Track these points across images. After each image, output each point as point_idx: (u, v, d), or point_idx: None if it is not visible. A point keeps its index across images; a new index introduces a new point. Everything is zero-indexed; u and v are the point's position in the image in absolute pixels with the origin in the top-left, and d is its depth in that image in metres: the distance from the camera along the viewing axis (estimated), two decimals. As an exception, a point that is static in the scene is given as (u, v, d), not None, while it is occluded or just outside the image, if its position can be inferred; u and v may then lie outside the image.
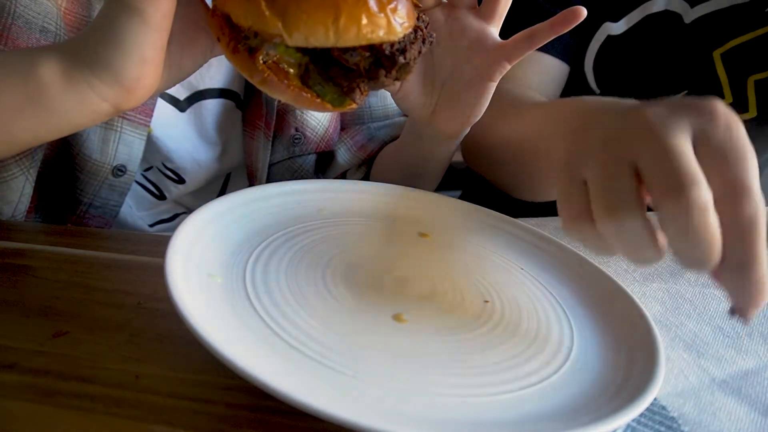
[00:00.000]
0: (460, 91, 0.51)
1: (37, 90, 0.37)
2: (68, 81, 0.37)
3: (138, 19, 0.35)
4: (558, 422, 0.30)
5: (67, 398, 0.30)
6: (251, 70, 0.37)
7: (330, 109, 0.39)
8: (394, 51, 0.37)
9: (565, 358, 0.37)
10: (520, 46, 0.48)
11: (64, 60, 0.37)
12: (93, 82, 0.37)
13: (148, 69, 0.37)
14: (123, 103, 0.38)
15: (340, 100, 0.39)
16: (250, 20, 0.34)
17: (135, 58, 0.36)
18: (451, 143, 0.57)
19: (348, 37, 0.34)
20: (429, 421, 0.29)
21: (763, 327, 0.45)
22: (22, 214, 0.53)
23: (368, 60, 0.37)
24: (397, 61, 0.37)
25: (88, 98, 0.37)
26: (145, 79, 0.37)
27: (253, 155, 0.67)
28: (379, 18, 0.34)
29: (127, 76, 0.36)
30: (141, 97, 0.38)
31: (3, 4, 0.47)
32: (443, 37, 0.50)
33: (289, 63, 0.37)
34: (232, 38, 0.36)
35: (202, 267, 0.36)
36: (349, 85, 0.38)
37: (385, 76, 0.38)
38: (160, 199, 0.66)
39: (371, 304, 0.38)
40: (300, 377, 0.30)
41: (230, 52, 0.37)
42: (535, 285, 0.45)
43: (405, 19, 0.36)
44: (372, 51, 0.36)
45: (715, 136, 0.30)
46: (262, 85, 0.37)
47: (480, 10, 0.50)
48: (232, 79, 0.64)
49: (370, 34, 0.34)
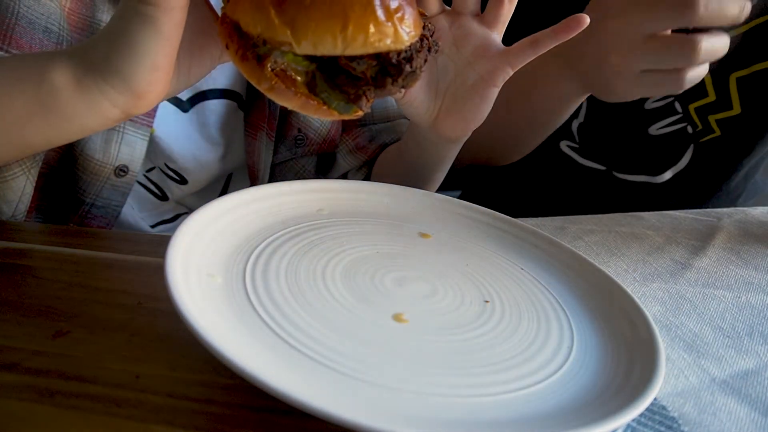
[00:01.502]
0: (464, 96, 0.52)
1: (50, 96, 0.37)
2: (80, 87, 0.37)
3: (151, 28, 0.35)
4: (558, 422, 0.30)
5: (67, 398, 0.30)
6: (259, 77, 0.37)
7: (336, 116, 0.39)
8: (401, 59, 0.37)
9: (564, 358, 0.37)
10: (524, 53, 0.49)
11: (76, 66, 0.37)
12: (104, 89, 0.37)
13: (159, 76, 0.37)
14: (133, 109, 0.38)
15: (347, 108, 0.39)
16: (259, 28, 0.35)
17: (147, 66, 0.36)
18: (452, 147, 0.58)
19: (355, 46, 0.34)
20: (429, 420, 0.29)
21: (763, 327, 0.45)
22: (23, 213, 0.53)
23: (375, 68, 0.37)
24: (404, 70, 0.37)
25: (99, 104, 0.37)
26: (156, 85, 0.38)
27: (255, 156, 0.67)
28: (386, 27, 0.35)
29: (139, 83, 0.37)
30: (151, 103, 0.39)
31: (7, 5, 0.47)
32: (447, 43, 0.51)
33: (297, 71, 0.38)
34: (241, 46, 0.37)
35: (202, 267, 0.36)
36: (355, 92, 0.39)
37: (391, 84, 0.38)
38: (162, 200, 0.66)
39: (371, 304, 0.38)
40: (300, 377, 0.30)
41: (239, 59, 0.37)
42: (535, 285, 0.45)
43: (412, 28, 0.36)
44: (379, 59, 0.37)
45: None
46: (270, 92, 0.37)
47: (483, 17, 0.51)
48: (234, 79, 0.64)
49: (377, 43, 0.34)
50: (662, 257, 0.55)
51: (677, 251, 0.56)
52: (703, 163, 0.82)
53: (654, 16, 0.52)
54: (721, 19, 0.50)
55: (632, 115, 0.81)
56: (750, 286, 0.51)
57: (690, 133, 0.81)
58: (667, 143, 0.82)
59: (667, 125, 0.81)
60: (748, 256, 0.56)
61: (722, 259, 0.55)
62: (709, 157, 0.82)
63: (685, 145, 0.82)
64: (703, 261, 0.55)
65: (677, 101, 0.79)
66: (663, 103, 0.80)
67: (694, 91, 0.77)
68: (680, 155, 0.83)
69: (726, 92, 0.76)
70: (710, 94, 0.77)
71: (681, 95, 0.78)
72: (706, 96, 0.77)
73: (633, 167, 0.85)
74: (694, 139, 0.81)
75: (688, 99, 0.78)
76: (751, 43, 0.72)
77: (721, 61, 0.74)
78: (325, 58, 0.37)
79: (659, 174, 0.84)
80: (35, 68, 0.37)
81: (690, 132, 0.80)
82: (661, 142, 0.82)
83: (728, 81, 0.75)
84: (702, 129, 0.80)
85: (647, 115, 0.81)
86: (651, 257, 0.55)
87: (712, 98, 0.77)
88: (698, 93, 0.77)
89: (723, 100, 0.76)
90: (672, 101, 0.79)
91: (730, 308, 0.47)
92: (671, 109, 0.80)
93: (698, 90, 0.77)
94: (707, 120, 0.79)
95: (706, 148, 0.81)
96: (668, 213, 0.65)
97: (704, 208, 0.69)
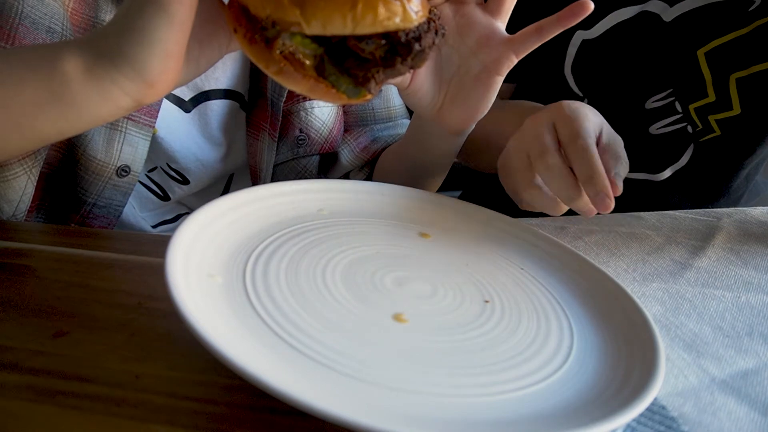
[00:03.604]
0: (468, 85, 0.52)
1: (61, 85, 0.37)
2: (91, 76, 0.37)
3: (163, 14, 0.35)
4: (558, 422, 0.30)
5: (67, 398, 0.30)
6: (267, 60, 0.37)
7: (345, 99, 0.39)
8: (410, 39, 0.37)
9: (564, 357, 0.37)
10: (528, 40, 0.49)
11: (86, 55, 0.37)
12: (116, 77, 0.37)
13: (170, 64, 0.37)
14: (144, 98, 0.38)
15: (355, 91, 0.39)
16: (268, 9, 0.35)
17: (159, 54, 0.36)
18: (455, 139, 0.57)
19: (365, 24, 0.34)
20: (429, 420, 0.29)
21: (763, 327, 0.45)
22: (23, 213, 0.53)
23: (384, 48, 0.37)
24: (413, 49, 0.37)
25: (110, 93, 0.37)
26: (168, 74, 0.37)
27: (257, 156, 0.67)
28: (395, 5, 0.35)
29: (151, 71, 0.36)
30: (162, 91, 0.38)
31: (10, 4, 0.47)
32: (451, 32, 0.51)
33: (305, 54, 0.38)
34: (249, 29, 0.37)
35: (203, 267, 0.36)
36: (364, 75, 0.38)
37: (401, 63, 0.38)
38: (163, 200, 0.66)
39: (371, 304, 0.38)
40: (300, 377, 0.30)
41: (247, 42, 0.37)
42: (535, 285, 0.45)
43: (419, 8, 0.36)
44: (388, 39, 0.37)
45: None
46: (278, 75, 0.37)
47: (487, 6, 0.51)
48: (236, 80, 0.64)
49: (386, 21, 0.35)
50: (662, 257, 0.55)
51: (677, 251, 0.56)
52: (704, 161, 0.82)
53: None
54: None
55: (632, 115, 0.81)
56: (750, 286, 0.51)
57: (690, 133, 0.81)
58: (667, 142, 0.82)
59: (668, 125, 0.81)
60: (748, 256, 0.56)
61: (722, 259, 0.55)
62: (710, 156, 0.82)
63: (685, 145, 0.82)
64: (703, 261, 0.55)
65: (677, 101, 0.79)
66: (663, 103, 0.80)
67: (695, 91, 0.77)
68: (680, 154, 0.83)
69: (726, 93, 0.76)
70: (710, 94, 0.77)
71: (681, 95, 0.78)
72: (706, 97, 0.77)
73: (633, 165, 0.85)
74: (694, 139, 0.81)
75: (689, 99, 0.78)
76: (751, 44, 0.72)
77: (721, 61, 0.74)
78: (333, 41, 0.37)
79: (659, 172, 0.84)
80: (46, 58, 0.37)
81: (690, 131, 0.80)
82: (661, 141, 0.82)
83: (728, 82, 0.75)
84: (702, 129, 0.80)
85: (647, 115, 0.81)
86: (651, 257, 0.55)
87: (712, 99, 0.77)
88: (698, 93, 0.77)
89: (723, 100, 0.76)
90: (672, 101, 0.79)
91: (730, 308, 0.47)
92: (671, 109, 0.80)
93: (698, 90, 0.77)
94: (707, 120, 0.79)
95: (706, 147, 0.81)
96: (668, 213, 0.65)
97: (704, 209, 0.69)
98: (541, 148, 0.49)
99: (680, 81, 0.77)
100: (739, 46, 0.73)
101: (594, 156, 0.47)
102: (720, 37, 0.73)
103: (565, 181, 0.48)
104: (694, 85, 0.77)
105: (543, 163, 0.49)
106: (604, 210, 0.46)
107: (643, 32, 0.75)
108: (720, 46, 0.74)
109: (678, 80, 0.77)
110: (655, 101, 0.80)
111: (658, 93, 0.79)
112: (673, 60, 0.76)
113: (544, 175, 0.49)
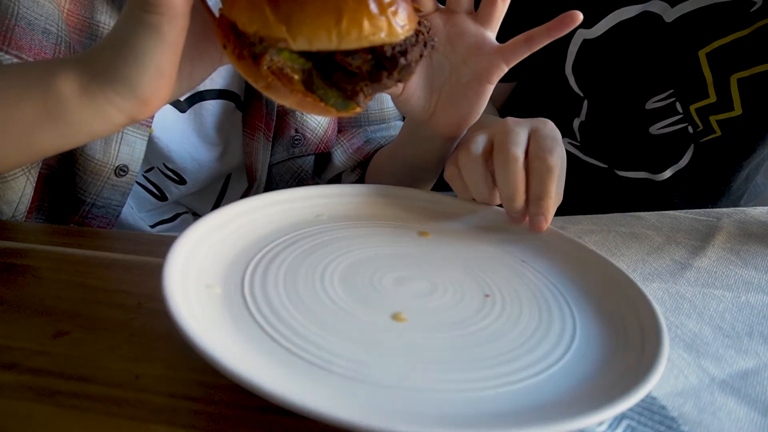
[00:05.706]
0: (459, 93, 0.52)
1: (56, 104, 0.37)
2: (86, 95, 0.37)
3: (155, 36, 0.35)
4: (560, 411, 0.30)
5: (67, 398, 0.30)
6: (256, 75, 0.37)
7: (334, 113, 0.39)
8: (396, 53, 0.37)
9: (567, 347, 0.36)
10: (518, 49, 0.50)
11: (81, 74, 0.37)
12: (110, 96, 0.37)
13: (163, 82, 0.38)
14: (138, 115, 0.39)
15: (344, 104, 0.39)
16: (255, 26, 0.35)
17: (152, 73, 0.36)
18: (447, 144, 0.58)
19: (350, 40, 0.34)
20: (431, 417, 0.29)
21: (763, 327, 0.45)
22: (23, 214, 0.53)
23: (370, 62, 0.38)
24: (399, 63, 0.37)
25: (105, 111, 0.38)
26: (161, 91, 0.38)
27: (253, 156, 0.67)
28: (380, 20, 0.35)
29: (144, 90, 0.37)
30: (156, 107, 0.39)
31: (6, 5, 0.47)
32: (442, 41, 0.51)
33: (293, 69, 0.38)
34: (237, 45, 0.37)
35: (201, 278, 0.36)
36: (352, 88, 0.39)
37: (387, 77, 0.38)
38: (161, 200, 0.66)
39: (370, 305, 0.38)
40: (299, 381, 0.30)
41: (235, 58, 0.37)
42: (537, 276, 0.44)
43: (406, 22, 0.37)
44: (374, 53, 0.37)
45: (540, 131, 0.49)
46: (267, 90, 0.38)
47: (477, 15, 0.51)
48: (231, 80, 0.64)
49: (371, 36, 0.35)
50: (662, 257, 0.55)
51: (677, 251, 0.56)
52: (704, 162, 0.82)
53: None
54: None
55: (633, 115, 0.81)
56: (750, 286, 0.51)
57: (691, 133, 0.81)
58: (668, 142, 0.82)
59: (668, 125, 0.81)
60: (748, 256, 0.56)
61: (722, 259, 0.55)
62: (710, 156, 0.82)
63: (686, 145, 0.82)
64: (703, 261, 0.55)
65: (678, 102, 0.79)
66: (664, 104, 0.80)
67: (695, 92, 0.77)
68: (681, 154, 0.83)
69: (727, 93, 0.76)
70: (711, 95, 0.77)
71: (682, 96, 0.78)
72: (707, 97, 0.77)
73: (634, 165, 0.85)
74: (694, 139, 0.81)
75: (690, 100, 0.78)
76: (752, 45, 0.72)
77: (722, 62, 0.74)
78: (321, 55, 0.37)
79: (660, 172, 0.84)
80: (42, 77, 0.38)
81: (691, 132, 0.81)
82: (661, 141, 0.82)
83: (729, 82, 0.75)
84: (703, 129, 0.80)
85: (648, 115, 0.81)
86: (651, 257, 0.55)
87: (713, 99, 0.77)
88: (699, 94, 0.77)
89: (724, 101, 0.77)
90: (673, 102, 0.79)
91: (730, 308, 0.47)
92: (672, 109, 0.80)
93: (699, 91, 0.77)
94: (708, 120, 0.79)
95: (707, 147, 0.81)
96: (668, 213, 0.65)
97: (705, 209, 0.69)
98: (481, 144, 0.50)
99: (681, 81, 0.77)
100: (741, 47, 0.73)
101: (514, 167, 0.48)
102: (721, 37, 0.73)
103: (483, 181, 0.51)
104: (695, 85, 0.77)
105: (467, 154, 0.50)
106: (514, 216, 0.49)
107: (644, 32, 0.75)
108: (721, 47, 0.74)
109: (679, 81, 0.77)
110: (655, 101, 0.80)
111: (658, 93, 0.79)
112: (674, 60, 0.76)
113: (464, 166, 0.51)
